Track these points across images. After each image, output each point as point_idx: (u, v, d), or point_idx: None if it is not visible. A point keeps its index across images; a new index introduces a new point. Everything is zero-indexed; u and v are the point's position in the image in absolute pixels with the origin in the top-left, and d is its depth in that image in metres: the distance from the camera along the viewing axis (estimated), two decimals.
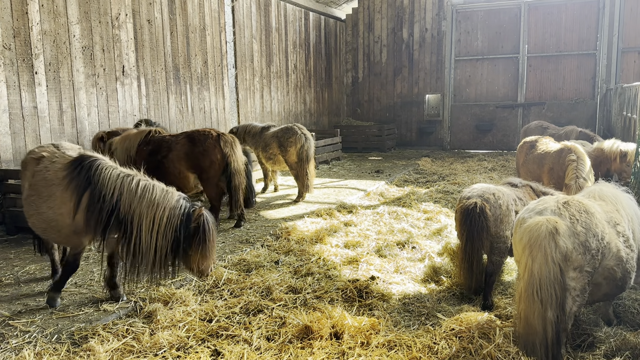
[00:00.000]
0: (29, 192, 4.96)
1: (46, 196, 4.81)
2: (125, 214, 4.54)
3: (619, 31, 16.90)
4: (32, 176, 4.96)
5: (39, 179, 4.88)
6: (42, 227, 4.98)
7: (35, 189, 4.89)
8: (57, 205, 4.75)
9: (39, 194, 4.85)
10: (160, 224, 4.49)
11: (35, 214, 4.92)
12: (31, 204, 4.92)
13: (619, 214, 4.19)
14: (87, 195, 4.61)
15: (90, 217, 4.58)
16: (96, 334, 4.41)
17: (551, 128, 13.09)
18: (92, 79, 9.58)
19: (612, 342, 4.10)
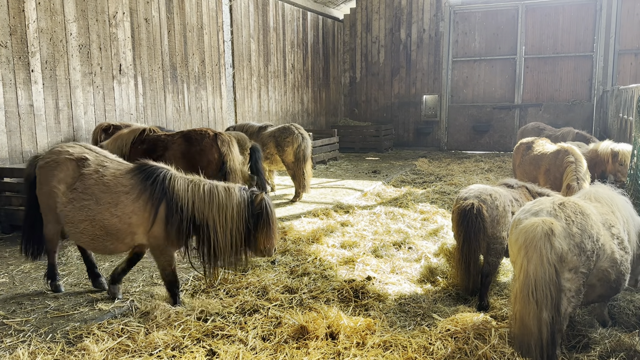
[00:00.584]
0: (78, 196, 4.74)
1: (109, 203, 4.68)
2: (200, 220, 4.68)
3: (616, 33, 16.96)
4: (78, 179, 4.78)
5: (92, 184, 4.75)
6: (94, 235, 4.75)
7: (90, 193, 4.72)
8: (126, 214, 4.68)
9: (98, 200, 4.70)
10: (233, 222, 4.70)
11: (88, 220, 4.72)
12: (83, 209, 4.72)
13: (614, 215, 4.20)
14: (163, 206, 4.65)
15: (171, 228, 4.67)
16: (91, 333, 4.39)
17: (548, 129, 13.12)
18: (89, 77, 9.55)
19: (607, 344, 4.10)
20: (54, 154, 4.99)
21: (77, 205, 4.74)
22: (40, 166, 4.97)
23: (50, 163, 4.91)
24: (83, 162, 4.88)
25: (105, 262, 6.39)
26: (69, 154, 4.93)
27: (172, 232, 4.69)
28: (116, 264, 6.30)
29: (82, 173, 4.80)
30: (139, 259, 5.30)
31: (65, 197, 4.79)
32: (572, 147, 7.96)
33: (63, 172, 4.84)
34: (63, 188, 4.81)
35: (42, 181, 4.93)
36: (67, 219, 4.82)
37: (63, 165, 4.86)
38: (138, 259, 5.30)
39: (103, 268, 6.15)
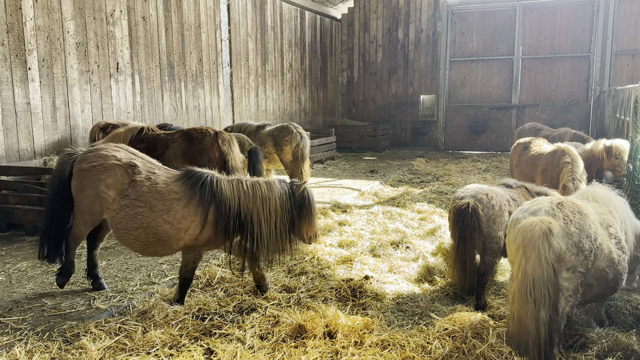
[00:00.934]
0: (131, 203, 4.73)
1: (162, 210, 4.72)
2: (245, 216, 4.80)
3: (613, 34, 17.01)
4: (129, 186, 4.76)
5: (146, 191, 4.75)
6: (147, 241, 4.77)
7: (144, 201, 4.72)
8: (177, 220, 4.74)
9: (152, 207, 4.72)
10: (277, 214, 4.85)
11: (142, 228, 4.72)
12: (137, 217, 4.72)
13: (612, 215, 4.21)
14: (213, 209, 4.74)
15: (220, 229, 4.79)
16: (88, 331, 4.38)
17: (545, 130, 13.15)
18: (86, 75, 9.52)
19: (604, 343, 4.11)
20: (100, 158, 4.88)
21: (131, 213, 4.73)
22: (85, 169, 4.86)
23: (98, 167, 4.82)
24: (133, 168, 4.86)
25: (103, 260, 6.37)
26: (117, 160, 4.87)
27: (219, 234, 4.81)
28: (115, 262, 6.30)
29: (134, 180, 4.79)
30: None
31: (117, 204, 4.76)
32: (568, 147, 7.97)
33: (112, 178, 4.80)
34: (113, 194, 4.78)
35: (86, 184, 4.84)
36: (119, 226, 4.78)
37: (112, 171, 4.81)
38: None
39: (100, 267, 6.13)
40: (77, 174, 4.90)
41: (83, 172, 4.85)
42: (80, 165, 4.90)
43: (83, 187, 4.85)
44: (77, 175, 4.89)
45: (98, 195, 4.80)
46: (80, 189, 4.87)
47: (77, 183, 4.89)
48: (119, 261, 6.33)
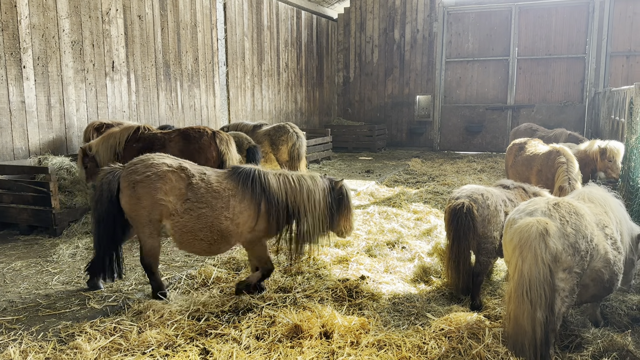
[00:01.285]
0: (193, 206, 4.83)
1: (222, 207, 4.89)
2: (292, 207, 5.08)
3: (608, 35, 17.08)
4: (188, 189, 4.85)
5: (204, 192, 4.88)
6: (212, 240, 4.93)
7: (204, 201, 4.84)
8: (235, 215, 4.93)
9: (212, 206, 4.86)
10: (320, 207, 5.15)
11: (207, 227, 4.86)
12: (201, 218, 4.84)
13: (608, 216, 4.23)
14: (264, 202, 4.99)
15: (272, 220, 5.03)
16: (83, 331, 4.36)
17: (540, 130, 13.19)
18: (82, 74, 9.48)
19: (599, 343, 4.12)
20: (152, 167, 4.86)
21: (195, 215, 4.84)
22: (138, 180, 4.80)
23: (152, 176, 4.81)
24: (185, 171, 4.94)
25: None
26: (168, 165, 4.91)
27: (272, 223, 5.04)
28: None
29: (191, 183, 4.89)
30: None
31: (180, 208, 4.83)
32: (564, 148, 8.00)
33: (168, 184, 4.82)
34: (173, 199, 4.82)
35: (141, 195, 4.79)
36: (185, 229, 4.85)
37: (166, 177, 4.84)
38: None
39: None
40: (128, 187, 4.83)
41: (136, 184, 4.80)
42: (130, 178, 4.84)
43: (139, 199, 4.79)
44: (129, 188, 4.83)
45: (156, 204, 4.79)
46: (136, 201, 4.81)
47: (130, 196, 4.82)
48: None
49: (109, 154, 7.64)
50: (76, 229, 7.43)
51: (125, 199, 4.85)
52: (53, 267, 6.07)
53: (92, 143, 7.78)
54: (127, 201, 4.85)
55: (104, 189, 4.92)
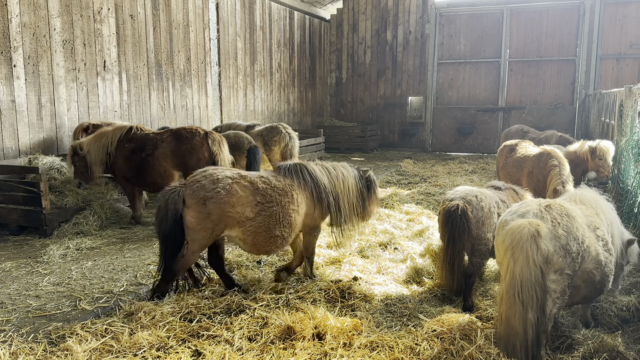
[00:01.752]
0: (264, 207, 5.12)
1: (288, 202, 5.29)
2: (332, 193, 5.63)
3: (598, 38, 17.23)
4: (255, 194, 5.11)
5: (270, 192, 5.22)
6: (283, 234, 5.27)
7: (273, 200, 5.20)
8: (300, 207, 5.40)
9: (280, 203, 5.23)
10: (354, 192, 5.76)
11: (279, 224, 5.21)
12: (273, 216, 5.16)
13: (599, 218, 4.26)
14: (316, 191, 5.51)
15: (324, 205, 5.59)
16: (74, 333, 4.32)
17: (531, 132, 13.27)
18: (73, 73, 9.41)
19: (590, 344, 4.15)
20: (218, 182, 5.00)
21: (267, 215, 5.14)
22: (208, 197, 4.91)
23: (221, 192, 4.96)
24: (246, 178, 5.20)
25: (88, 261, 6.29)
26: (231, 178, 5.10)
27: (324, 209, 5.59)
28: (101, 262, 6.22)
29: (257, 187, 5.17)
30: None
31: (251, 213, 5.08)
32: (554, 150, 8.06)
33: (235, 196, 5.00)
34: (241, 209, 5.04)
35: (211, 210, 4.91)
36: (259, 231, 5.14)
37: (233, 190, 5.02)
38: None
39: (85, 267, 6.05)
40: (197, 203, 4.91)
41: (206, 200, 4.91)
42: (199, 195, 4.92)
43: (209, 214, 4.92)
44: (198, 204, 4.90)
45: (223, 217, 4.97)
46: (205, 216, 4.92)
47: (200, 212, 4.90)
48: (105, 261, 6.26)
49: (101, 153, 7.60)
50: (67, 230, 7.37)
51: (193, 214, 4.91)
52: (43, 267, 6.03)
53: (83, 142, 7.73)
54: (194, 216, 4.92)
55: (169, 208, 4.92)
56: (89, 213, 7.74)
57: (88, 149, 7.64)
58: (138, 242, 7.09)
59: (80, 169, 7.72)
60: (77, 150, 7.62)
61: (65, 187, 8.05)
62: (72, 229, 7.42)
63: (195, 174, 5.16)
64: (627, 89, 7.89)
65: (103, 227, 7.77)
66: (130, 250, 6.71)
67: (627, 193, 7.04)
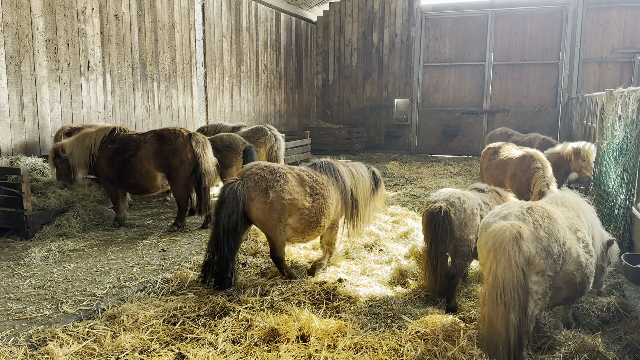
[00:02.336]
0: (314, 198, 5.62)
1: (327, 196, 5.80)
2: (353, 191, 6.13)
3: (581, 42, 17.47)
4: (301, 184, 5.57)
5: (315, 185, 5.70)
6: (325, 224, 5.84)
7: (316, 193, 5.66)
8: (335, 200, 5.94)
9: (323, 195, 5.74)
10: (368, 189, 6.30)
11: (323, 214, 5.75)
12: (320, 207, 5.68)
13: (580, 220, 4.32)
14: (343, 187, 6.04)
15: (347, 201, 6.10)
16: (55, 336, 4.27)
17: (515, 135, 13.40)
18: (56, 73, 9.30)
19: (571, 345, 4.21)
20: (276, 172, 5.44)
21: (317, 205, 5.67)
22: (269, 187, 5.31)
23: (280, 181, 5.40)
24: (294, 170, 5.70)
25: (71, 263, 6.22)
26: (284, 169, 5.58)
27: (347, 204, 6.09)
28: (84, 265, 6.15)
29: (303, 179, 5.64)
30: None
31: (307, 202, 5.57)
32: (537, 152, 8.16)
33: (290, 185, 5.47)
34: (298, 197, 5.49)
35: (274, 200, 5.31)
36: (310, 219, 5.63)
37: (289, 179, 5.50)
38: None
39: (67, 269, 5.98)
40: (261, 195, 5.30)
41: (268, 190, 5.30)
42: (261, 186, 5.32)
43: (272, 204, 5.32)
44: (261, 196, 5.30)
45: (286, 205, 5.39)
46: (270, 206, 5.32)
47: (265, 202, 5.30)
48: (87, 264, 6.19)
49: (85, 155, 7.53)
50: (49, 232, 7.29)
51: (259, 206, 5.30)
52: (24, 270, 5.94)
53: (66, 144, 7.65)
54: (260, 208, 5.31)
55: (239, 200, 5.21)
56: (71, 215, 7.65)
57: (71, 151, 7.56)
58: (121, 244, 7.02)
59: (63, 170, 7.64)
60: (59, 152, 7.53)
61: (47, 189, 7.95)
62: (54, 230, 7.34)
63: (248, 168, 5.54)
64: (608, 92, 8.01)
65: (86, 229, 7.69)
66: (113, 253, 6.64)
67: (608, 195, 7.15)
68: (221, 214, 5.20)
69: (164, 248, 6.85)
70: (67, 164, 7.60)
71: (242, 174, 5.45)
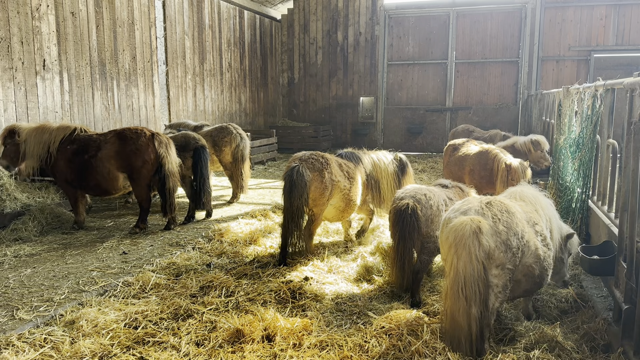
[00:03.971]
0: (350, 182, 6.51)
1: (358, 180, 6.72)
2: (375, 177, 7.07)
3: (539, 41, 17.94)
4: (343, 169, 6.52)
5: (348, 170, 6.61)
6: (357, 205, 6.77)
7: (351, 176, 6.57)
8: (359, 184, 6.78)
9: (356, 180, 6.66)
10: (392, 175, 7.15)
11: (357, 195, 6.69)
12: (355, 189, 6.61)
13: (538, 214, 4.42)
14: (365, 174, 6.99)
15: (369, 187, 7.05)
16: (10, 344, 4.11)
17: (477, 131, 13.67)
18: (9, 72, 8.96)
19: (531, 336, 4.30)
20: (323, 157, 6.35)
21: (354, 187, 6.57)
22: (323, 169, 6.22)
23: (331, 164, 6.36)
24: (332, 157, 6.61)
25: (27, 268, 6.01)
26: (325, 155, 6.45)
27: (368, 190, 7.06)
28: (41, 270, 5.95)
29: (340, 165, 6.57)
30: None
31: (348, 184, 6.49)
32: (491, 146, 8.44)
33: (335, 169, 6.37)
34: (342, 179, 6.40)
35: (327, 181, 6.24)
36: (348, 199, 6.53)
37: (333, 163, 6.42)
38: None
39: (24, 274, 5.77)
40: (318, 176, 6.19)
41: (324, 172, 6.21)
42: (317, 167, 6.21)
43: (325, 184, 6.21)
44: (318, 177, 6.20)
45: (333, 186, 6.29)
46: (324, 187, 6.22)
47: (321, 182, 6.20)
48: (45, 268, 5.99)
49: (40, 148, 7.29)
50: (4, 236, 7.02)
51: (316, 184, 6.18)
52: None
53: (23, 128, 7.41)
54: (317, 187, 6.19)
55: (305, 181, 6.02)
56: (28, 218, 7.40)
57: (26, 138, 7.32)
58: (81, 248, 6.83)
59: (10, 152, 7.46)
60: (13, 133, 7.34)
61: (2, 192, 7.66)
62: (9, 235, 7.08)
63: (302, 154, 6.37)
64: (565, 89, 8.24)
65: (43, 233, 7.44)
66: (72, 256, 6.45)
67: (565, 189, 7.35)
68: (294, 194, 5.96)
69: (125, 251, 6.70)
70: (17, 149, 7.38)
71: (300, 159, 6.26)
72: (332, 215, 6.69)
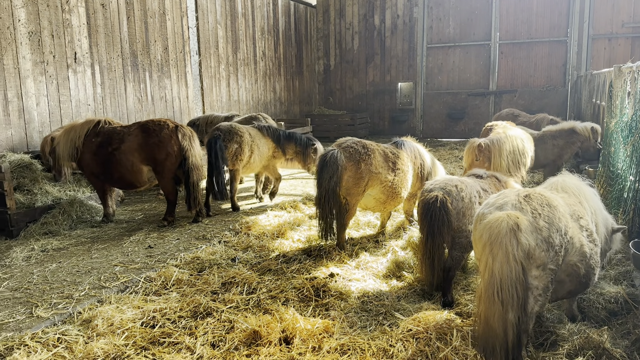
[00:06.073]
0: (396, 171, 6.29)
1: (405, 170, 6.46)
2: (429, 169, 6.88)
3: (589, 18, 16.85)
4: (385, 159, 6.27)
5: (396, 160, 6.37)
6: (403, 194, 6.51)
7: (399, 167, 6.35)
8: (410, 177, 6.62)
9: (402, 169, 6.42)
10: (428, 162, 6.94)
11: (403, 185, 6.43)
12: (402, 179, 6.37)
13: (582, 206, 3.96)
14: (420, 165, 6.80)
15: (422, 179, 6.80)
16: (23, 344, 4.02)
17: (522, 116, 12.96)
18: (41, 66, 9.01)
19: (575, 341, 3.88)
20: (366, 147, 6.13)
21: (399, 177, 6.33)
22: (361, 159, 6.01)
23: (371, 155, 6.10)
24: (379, 147, 6.36)
25: (53, 263, 5.97)
26: (371, 144, 6.25)
27: (422, 181, 6.70)
28: (65, 264, 5.91)
29: (387, 155, 6.33)
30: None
31: (391, 175, 6.24)
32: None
33: (376, 159, 6.14)
34: (382, 170, 6.16)
35: (363, 171, 6.02)
36: (393, 190, 6.31)
37: (376, 154, 6.18)
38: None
39: (48, 269, 5.74)
40: (353, 165, 5.97)
41: (360, 162, 5.99)
42: (355, 157, 5.99)
43: (361, 175, 5.99)
44: (354, 166, 5.97)
45: (370, 178, 6.06)
46: (360, 176, 5.99)
47: (356, 171, 5.98)
48: (70, 263, 5.94)
49: (69, 147, 7.30)
50: (34, 230, 7.05)
51: (350, 174, 5.96)
52: (4, 271, 5.71)
53: (56, 134, 7.53)
54: (351, 176, 5.98)
55: (338, 165, 5.86)
56: (58, 212, 7.41)
57: (58, 142, 7.37)
58: (108, 242, 6.77)
59: (54, 162, 7.56)
60: (52, 141, 7.50)
61: (34, 186, 7.72)
62: (40, 229, 7.10)
63: (344, 140, 6.20)
64: (617, 68, 7.58)
65: (73, 227, 7.44)
66: (98, 251, 6.39)
67: (617, 177, 6.75)
68: (323, 176, 5.86)
69: (151, 245, 6.60)
70: (55, 154, 7.45)
71: (338, 145, 6.11)
72: (372, 205, 6.49)
